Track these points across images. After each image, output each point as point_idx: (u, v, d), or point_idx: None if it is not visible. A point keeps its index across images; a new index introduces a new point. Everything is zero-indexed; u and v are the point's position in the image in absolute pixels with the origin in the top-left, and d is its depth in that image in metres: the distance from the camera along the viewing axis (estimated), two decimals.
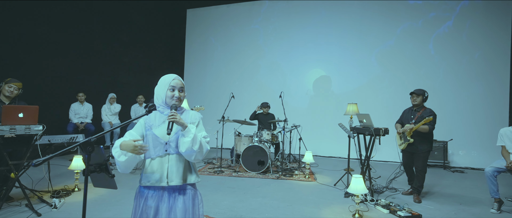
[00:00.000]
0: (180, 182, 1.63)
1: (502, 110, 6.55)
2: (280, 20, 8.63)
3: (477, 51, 6.86)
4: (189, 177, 1.69)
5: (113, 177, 1.51)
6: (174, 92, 1.69)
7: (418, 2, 7.31)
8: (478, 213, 3.61)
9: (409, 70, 7.31)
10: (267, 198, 4.02)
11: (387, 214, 3.51)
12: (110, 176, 1.45)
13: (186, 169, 1.69)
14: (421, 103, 4.18)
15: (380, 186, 4.62)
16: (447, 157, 6.53)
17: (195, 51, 9.81)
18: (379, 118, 5.95)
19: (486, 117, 6.63)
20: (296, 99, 8.33)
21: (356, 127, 4.38)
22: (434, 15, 7.17)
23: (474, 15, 6.87)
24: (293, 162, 6.45)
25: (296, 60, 8.41)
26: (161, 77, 1.74)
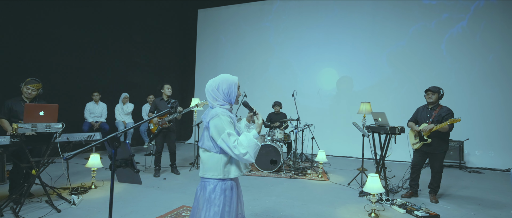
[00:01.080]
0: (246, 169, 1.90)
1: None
2: (292, 19, 8.61)
3: (491, 52, 6.71)
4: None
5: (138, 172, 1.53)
6: (239, 91, 1.87)
7: (433, 2, 7.18)
8: (499, 215, 3.53)
9: (421, 70, 7.19)
10: (281, 197, 4.01)
11: (404, 213, 3.46)
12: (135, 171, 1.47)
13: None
14: (437, 100, 4.06)
15: (395, 186, 4.56)
16: (463, 157, 6.40)
17: (206, 51, 9.87)
18: (392, 117, 5.87)
19: (503, 117, 6.47)
20: (308, 98, 8.29)
21: (371, 125, 4.33)
22: (448, 16, 7.04)
23: (489, 16, 6.71)
24: (305, 161, 6.42)
25: (307, 59, 8.37)
26: (222, 77, 1.82)
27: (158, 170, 5.04)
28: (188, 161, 6.30)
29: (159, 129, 5.03)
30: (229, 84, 1.80)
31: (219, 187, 1.76)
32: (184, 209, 3.46)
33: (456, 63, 6.97)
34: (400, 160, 6.76)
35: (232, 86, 1.81)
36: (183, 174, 5.19)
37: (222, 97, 1.80)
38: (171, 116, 5.02)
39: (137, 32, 8.17)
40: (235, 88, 1.82)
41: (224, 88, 1.79)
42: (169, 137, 5.14)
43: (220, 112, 1.74)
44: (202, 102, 5.32)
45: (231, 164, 1.80)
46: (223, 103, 1.81)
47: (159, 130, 5.04)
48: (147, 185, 4.42)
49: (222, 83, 1.80)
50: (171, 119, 5.04)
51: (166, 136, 5.13)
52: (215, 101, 1.81)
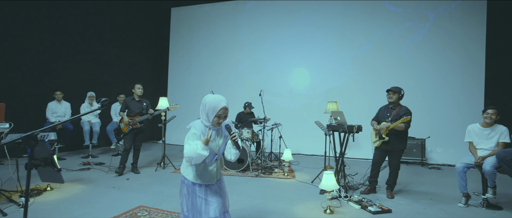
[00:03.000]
0: (219, 177, 2.21)
1: (477, 109, 6.69)
2: (265, 18, 8.66)
3: (448, 56, 7.05)
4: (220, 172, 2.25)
5: (60, 171, 1.49)
6: (219, 119, 2.03)
7: (398, 10, 7.45)
8: (446, 208, 3.70)
9: (384, 73, 7.43)
10: (242, 195, 4.04)
11: (358, 209, 3.56)
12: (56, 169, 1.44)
13: (221, 166, 2.28)
14: (397, 101, 4.20)
15: (356, 183, 4.68)
16: (425, 155, 6.67)
17: (180, 50, 9.76)
18: (358, 116, 6.03)
19: (462, 115, 6.78)
20: (280, 98, 8.37)
21: (331, 124, 4.42)
22: (410, 24, 7.36)
23: (447, 25, 7.06)
24: (275, 160, 6.48)
25: (280, 58, 8.45)
26: (212, 98, 2.02)
27: (123, 168, 4.97)
28: (156, 161, 6.21)
29: (129, 129, 4.98)
30: (209, 108, 2.00)
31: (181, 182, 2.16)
32: (141, 209, 3.41)
33: (416, 67, 7.27)
34: (366, 158, 6.95)
35: (210, 111, 2.00)
36: (148, 174, 5.11)
37: (204, 115, 2.03)
38: (142, 118, 4.99)
39: (107, 30, 7.96)
40: (213, 114, 1.99)
41: (207, 109, 2.01)
42: (138, 135, 5.14)
43: (193, 125, 2.06)
44: (173, 106, 5.30)
45: (189, 167, 2.09)
46: (204, 119, 2.05)
47: (129, 131, 4.99)
48: (107, 185, 4.32)
49: (208, 104, 2.01)
50: (142, 120, 5.02)
51: (136, 135, 5.10)
52: (201, 115, 2.07)
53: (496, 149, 3.73)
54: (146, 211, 3.35)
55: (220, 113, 1.99)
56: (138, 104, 5.09)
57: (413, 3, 7.32)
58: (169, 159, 5.84)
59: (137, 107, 5.06)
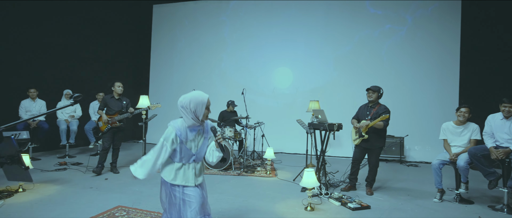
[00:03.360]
0: (201, 181, 2.14)
1: (453, 108, 6.91)
2: (248, 16, 8.65)
3: (425, 57, 7.29)
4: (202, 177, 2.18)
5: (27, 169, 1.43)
6: (208, 111, 2.04)
7: (378, 12, 7.63)
8: (422, 203, 3.82)
9: (364, 73, 7.59)
10: (224, 194, 4.01)
11: (338, 206, 3.62)
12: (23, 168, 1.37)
13: (202, 171, 2.17)
14: (377, 99, 4.29)
15: (337, 181, 4.76)
16: (404, 152, 6.85)
17: (162, 47, 9.59)
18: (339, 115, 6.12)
19: (438, 114, 7.01)
20: (263, 97, 8.39)
21: (312, 122, 4.47)
22: (390, 27, 7.56)
23: (424, 27, 7.30)
24: (257, 159, 6.48)
25: (263, 57, 8.46)
26: (193, 95, 2.00)
27: (101, 168, 4.84)
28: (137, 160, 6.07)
29: (108, 128, 4.85)
30: (197, 103, 1.96)
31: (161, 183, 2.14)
32: (119, 209, 3.33)
33: (395, 67, 7.47)
34: (348, 156, 7.07)
35: (199, 106, 1.97)
36: (128, 174, 4.92)
37: (190, 115, 1.97)
38: (122, 116, 4.88)
39: (86, 26, 7.72)
40: (203, 108, 1.98)
41: (192, 106, 1.96)
42: (117, 134, 5.03)
43: (172, 124, 2.02)
44: (154, 105, 5.20)
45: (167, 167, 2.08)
46: (189, 120, 1.99)
47: (108, 129, 4.87)
48: (84, 186, 4.19)
49: (192, 101, 1.96)
50: (122, 119, 4.90)
51: (115, 134, 4.98)
52: (183, 114, 2.01)
53: (468, 146, 3.88)
54: (125, 211, 3.28)
55: (208, 104, 2.02)
56: (118, 103, 4.97)
57: (392, 6, 7.52)
58: None
59: (116, 106, 4.94)
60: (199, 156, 2.10)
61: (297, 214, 3.32)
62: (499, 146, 3.66)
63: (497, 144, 3.69)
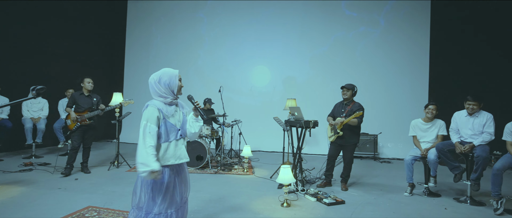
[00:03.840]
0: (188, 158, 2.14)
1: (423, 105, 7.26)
2: (226, 14, 8.60)
3: (398, 58, 7.60)
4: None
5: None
6: (181, 82, 2.07)
7: (353, 14, 7.83)
8: (394, 197, 3.96)
9: (340, 72, 7.78)
10: (200, 192, 3.96)
11: (314, 202, 3.67)
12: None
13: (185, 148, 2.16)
14: (351, 97, 4.40)
15: (313, 177, 4.83)
16: (377, 149, 7.08)
17: (137, 44, 9.33)
18: (316, 113, 6.22)
19: (410, 112, 7.27)
20: (240, 95, 8.38)
21: (289, 120, 4.51)
22: (364, 29, 7.79)
23: (396, 29, 7.61)
24: (235, 157, 6.46)
25: (241, 56, 8.45)
26: (164, 71, 2.03)
27: (70, 168, 4.61)
28: (110, 160, 5.87)
29: (77, 126, 4.62)
30: (169, 76, 1.99)
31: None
32: (90, 210, 3.19)
33: (368, 68, 7.72)
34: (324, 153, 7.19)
35: (173, 78, 1.99)
36: (99, 174, 4.81)
37: (163, 90, 1.97)
38: (92, 113, 4.67)
39: (55, 20, 7.34)
40: (176, 79, 2.00)
41: (165, 80, 1.98)
42: (88, 133, 4.80)
43: (151, 103, 1.98)
44: (127, 101, 5.03)
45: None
46: (165, 96, 1.99)
47: (77, 128, 4.63)
48: (51, 187, 3.99)
49: (163, 76, 1.99)
50: (92, 116, 4.69)
51: (85, 133, 4.75)
52: (156, 94, 2.00)
53: (436, 141, 4.06)
54: (95, 212, 3.15)
55: (180, 77, 2.05)
56: (88, 99, 4.75)
57: (366, 9, 7.75)
58: (123, 158, 5.54)
59: (86, 103, 4.72)
60: (183, 130, 2.10)
61: (274, 211, 3.33)
62: (464, 141, 3.86)
63: (462, 139, 3.89)
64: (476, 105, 3.79)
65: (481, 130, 3.76)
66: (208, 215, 3.16)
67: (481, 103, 3.81)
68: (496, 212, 3.37)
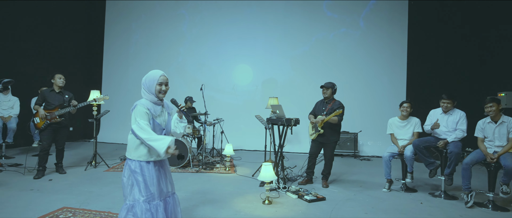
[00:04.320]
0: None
1: None
2: (208, 12, 8.52)
3: (378, 59, 7.79)
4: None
5: None
6: (161, 87, 2.13)
7: (334, 15, 7.97)
8: (373, 193, 4.05)
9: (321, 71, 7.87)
10: (181, 191, 3.89)
11: (295, 199, 3.70)
12: None
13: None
14: (331, 95, 4.46)
15: (295, 175, 4.86)
16: (358, 147, 7.23)
17: (116, 41, 9.08)
18: (297, 111, 6.28)
19: (389, 111, 7.46)
20: (222, 93, 8.34)
21: (270, 118, 4.52)
22: (345, 30, 7.95)
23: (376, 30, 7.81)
24: (217, 156, 6.41)
25: (223, 55, 8.41)
26: (149, 73, 2.15)
27: (42, 171, 4.40)
28: (87, 160, 5.67)
29: (47, 124, 4.40)
30: (150, 79, 2.12)
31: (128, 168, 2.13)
32: (64, 211, 3.07)
33: (349, 68, 7.87)
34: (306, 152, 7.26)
35: (152, 81, 2.11)
36: (76, 174, 4.64)
37: (147, 91, 2.13)
38: (63, 111, 4.45)
39: (26, 15, 7.01)
40: (154, 83, 2.10)
41: (147, 82, 2.13)
42: (60, 132, 4.56)
43: (139, 103, 2.10)
44: (101, 97, 4.82)
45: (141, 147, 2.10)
46: (147, 96, 2.14)
47: (46, 126, 4.40)
48: (24, 188, 3.81)
49: (147, 78, 2.13)
50: (63, 113, 4.47)
51: (56, 132, 4.53)
52: (144, 94, 2.15)
53: (412, 138, 4.19)
54: (70, 213, 3.03)
55: (160, 80, 2.11)
56: (58, 96, 4.51)
57: (347, 10, 7.91)
58: (101, 157, 5.38)
59: (57, 100, 4.49)
60: (167, 130, 2.25)
61: (255, 208, 3.33)
62: (439, 138, 4.00)
63: (437, 136, 4.04)
64: (450, 103, 3.95)
65: (454, 127, 3.91)
66: (189, 213, 3.11)
67: (455, 101, 3.98)
68: (467, 205, 3.52)
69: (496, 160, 3.49)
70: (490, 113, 3.60)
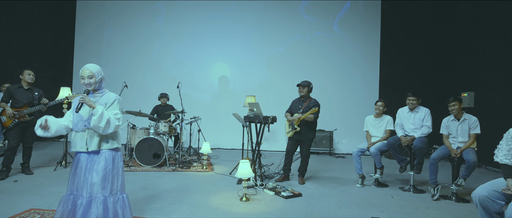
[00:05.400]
0: (96, 148, 2.14)
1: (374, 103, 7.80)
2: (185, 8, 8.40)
3: (353, 60, 8.04)
4: (104, 145, 2.18)
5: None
6: (84, 80, 2.19)
7: (311, 18, 8.14)
8: (347, 189, 4.19)
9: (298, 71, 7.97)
10: (157, 189, 3.84)
11: (272, 195, 3.75)
12: None
13: (103, 138, 2.18)
14: (307, 94, 4.55)
15: (272, 173, 4.92)
16: (333, 145, 7.42)
17: (88, 35, 8.71)
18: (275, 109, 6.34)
19: (362, 110, 7.74)
20: (200, 92, 8.27)
21: (248, 115, 4.55)
22: (320, 34, 8.14)
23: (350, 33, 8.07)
24: (194, 154, 6.35)
25: (200, 53, 8.32)
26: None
27: (6, 171, 4.17)
28: (57, 160, 5.42)
29: (15, 123, 4.16)
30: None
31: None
32: (32, 213, 2.93)
33: (324, 68, 8.05)
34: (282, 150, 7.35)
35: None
36: (44, 175, 4.43)
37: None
38: (32, 109, 4.24)
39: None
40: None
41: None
42: (28, 130, 4.32)
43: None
44: (73, 95, 4.62)
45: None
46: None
47: (15, 125, 4.17)
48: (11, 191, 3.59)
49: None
50: (33, 112, 4.25)
51: (25, 130, 4.30)
52: None
53: (385, 136, 4.38)
54: (39, 214, 2.90)
55: (82, 74, 2.18)
56: (27, 93, 4.29)
57: (323, 13, 8.09)
58: (72, 157, 5.15)
59: (25, 97, 4.26)
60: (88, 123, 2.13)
61: (233, 205, 3.34)
62: (407, 135, 4.20)
63: (406, 133, 4.24)
64: (415, 100, 4.18)
65: (421, 124, 4.14)
66: (166, 211, 3.07)
67: (420, 99, 4.23)
68: (433, 197, 3.74)
69: (459, 155, 3.72)
70: (453, 111, 3.84)
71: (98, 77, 2.22)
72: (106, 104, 2.19)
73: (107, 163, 2.15)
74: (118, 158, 2.25)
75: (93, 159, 2.14)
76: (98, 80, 2.22)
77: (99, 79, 2.23)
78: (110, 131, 2.09)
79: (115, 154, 2.23)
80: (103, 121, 2.02)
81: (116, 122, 2.11)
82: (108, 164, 2.15)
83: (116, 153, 2.24)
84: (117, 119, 2.13)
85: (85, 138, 2.14)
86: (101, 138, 2.16)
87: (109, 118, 2.07)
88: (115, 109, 2.20)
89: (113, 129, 2.10)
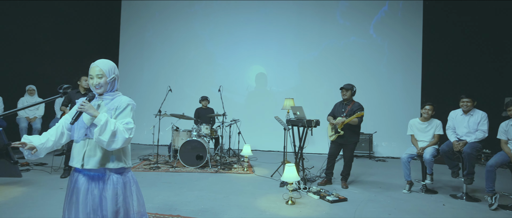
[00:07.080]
0: (96, 166, 1.65)
1: (415, 106, 7.49)
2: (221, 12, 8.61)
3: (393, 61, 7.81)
4: (108, 163, 1.68)
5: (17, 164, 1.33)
6: (92, 81, 1.74)
7: (347, 23, 8.00)
8: (393, 194, 4.07)
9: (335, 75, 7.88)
10: (204, 191, 3.98)
11: (317, 199, 3.74)
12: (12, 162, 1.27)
13: (106, 155, 1.68)
14: (350, 97, 4.49)
15: (313, 176, 4.91)
16: (372, 148, 7.23)
17: (131, 42, 9.23)
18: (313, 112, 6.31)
19: (403, 111, 7.49)
20: (237, 94, 8.41)
21: (290, 119, 4.57)
22: (354, 39, 7.97)
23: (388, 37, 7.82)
24: (233, 156, 6.49)
25: (237, 55, 8.48)
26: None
27: (68, 170, 4.54)
28: None
29: None
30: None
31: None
32: None
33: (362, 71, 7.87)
34: (321, 152, 7.31)
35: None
36: None
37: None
38: None
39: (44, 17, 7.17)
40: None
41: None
42: None
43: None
44: None
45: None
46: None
47: None
48: (53, 186, 3.94)
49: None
50: None
51: None
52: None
53: (433, 140, 4.20)
54: None
55: (90, 72, 1.75)
56: None
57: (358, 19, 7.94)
58: None
59: None
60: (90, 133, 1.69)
61: (279, 208, 3.38)
62: (460, 139, 4.00)
63: (458, 137, 4.04)
64: (470, 102, 3.96)
65: (475, 128, 3.91)
66: (216, 213, 3.18)
67: (475, 101, 3.98)
68: (491, 207, 3.52)
69: None
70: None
71: (110, 77, 1.75)
72: (116, 109, 1.72)
73: (116, 193, 1.66)
74: (130, 181, 1.76)
75: (96, 185, 1.67)
76: (110, 81, 1.75)
77: (111, 79, 1.75)
78: (117, 146, 1.58)
79: (125, 177, 1.74)
80: (106, 133, 1.54)
81: (126, 134, 1.60)
82: (119, 195, 1.67)
83: (126, 176, 1.76)
84: (128, 130, 1.62)
85: (83, 150, 1.67)
86: (104, 154, 1.67)
87: (116, 129, 1.57)
88: (127, 117, 1.70)
89: (121, 144, 1.58)
